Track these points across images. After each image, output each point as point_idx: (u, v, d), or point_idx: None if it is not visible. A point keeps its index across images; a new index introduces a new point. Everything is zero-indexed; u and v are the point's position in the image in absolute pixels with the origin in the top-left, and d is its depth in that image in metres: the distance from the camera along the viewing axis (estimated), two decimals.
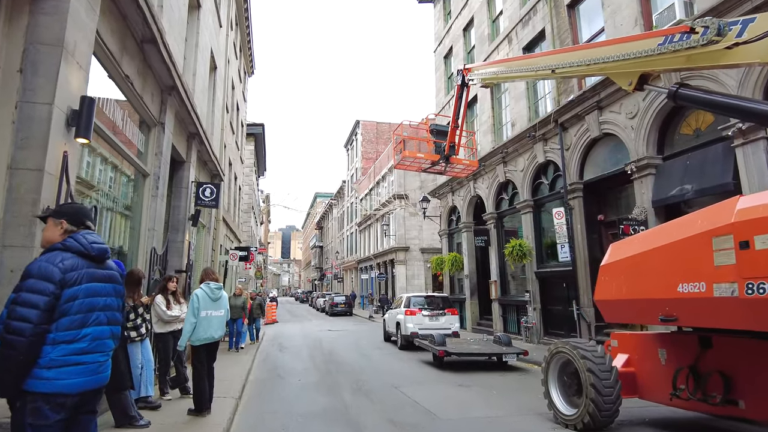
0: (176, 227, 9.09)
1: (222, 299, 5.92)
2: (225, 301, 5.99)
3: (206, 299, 5.71)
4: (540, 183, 14.32)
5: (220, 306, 5.85)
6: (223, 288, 6.04)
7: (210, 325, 5.66)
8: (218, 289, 5.88)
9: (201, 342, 5.59)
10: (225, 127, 14.51)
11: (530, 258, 14.07)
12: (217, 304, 5.82)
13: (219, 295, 5.86)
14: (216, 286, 5.87)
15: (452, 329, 13.89)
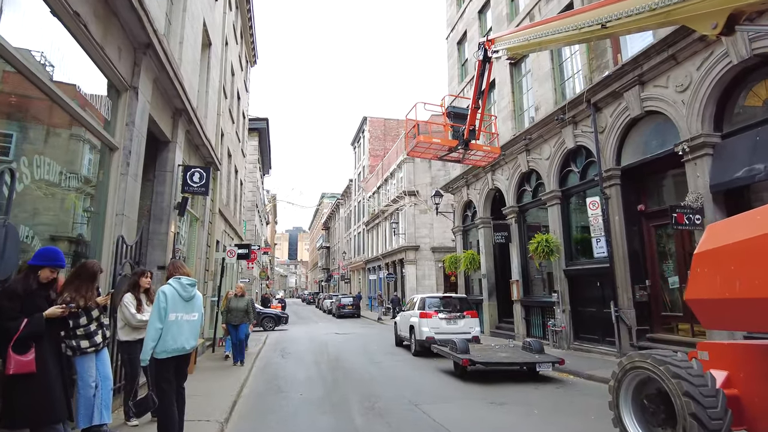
0: (159, 216, 7.87)
1: (196, 300, 4.68)
2: (199, 302, 4.74)
3: (175, 298, 4.47)
4: (569, 171, 12.96)
5: (193, 308, 4.61)
6: (195, 284, 4.78)
7: (180, 332, 4.41)
8: (191, 286, 4.64)
9: (169, 354, 4.34)
10: (223, 112, 13.32)
11: (558, 255, 12.71)
12: (189, 305, 4.57)
13: (192, 294, 4.62)
14: (188, 282, 4.62)
15: (472, 333, 12.56)
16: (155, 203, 7.89)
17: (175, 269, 4.74)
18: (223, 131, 14.25)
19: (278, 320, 22.79)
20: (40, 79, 4.01)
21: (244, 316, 10.07)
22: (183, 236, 10.01)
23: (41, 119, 4.50)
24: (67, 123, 4.93)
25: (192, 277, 4.79)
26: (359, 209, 47.03)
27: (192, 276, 4.79)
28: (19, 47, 3.69)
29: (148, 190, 7.94)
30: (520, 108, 15.86)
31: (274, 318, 22.62)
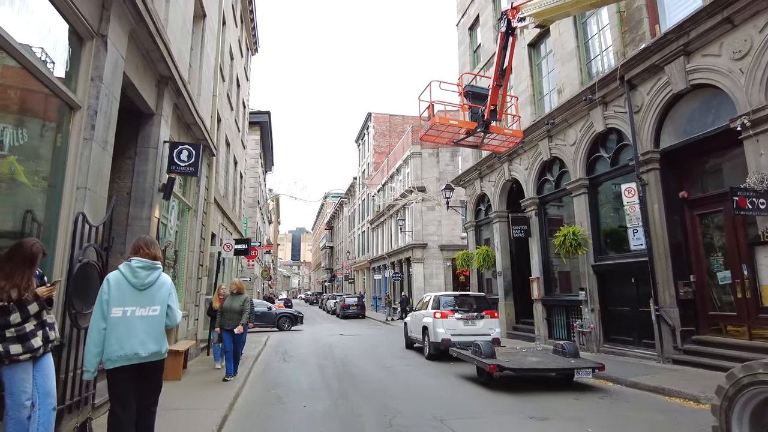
0: (141, 199, 6.80)
1: (156, 288, 3.57)
2: (163, 291, 3.63)
3: (122, 287, 3.43)
4: (598, 157, 11.84)
5: (152, 299, 3.54)
6: (160, 268, 3.69)
7: (130, 332, 3.34)
8: (147, 269, 3.55)
9: (116, 363, 3.27)
10: (220, 94, 12.26)
11: (586, 249, 11.58)
12: (144, 295, 3.50)
13: (147, 280, 3.53)
14: (140, 265, 3.53)
15: (492, 335, 11.44)
16: (136, 184, 6.82)
17: (135, 250, 3.66)
18: (220, 116, 13.20)
19: (295, 320, 22.46)
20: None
21: (238, 318, 8.12)
22: (172, 225, 8.94)
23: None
24: (15, 75, 3.88)
25: (159, 259, 3.71)
26: (363, 207, 45.96)
27: (160, 258, 3.71)
28: None
29: (128, 169, 6.89)
30: (540, 92, 14.75)
31: (290, 318, 22.33)
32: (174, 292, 3.77)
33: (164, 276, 3.71)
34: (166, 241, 9.60)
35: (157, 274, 3.63)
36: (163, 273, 3.71)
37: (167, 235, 8.84)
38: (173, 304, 3.69)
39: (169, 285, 3.71)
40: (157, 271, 3.63)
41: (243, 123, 19.35)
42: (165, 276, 3.73)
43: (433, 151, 28.97)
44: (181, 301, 9.55)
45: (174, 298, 3.73)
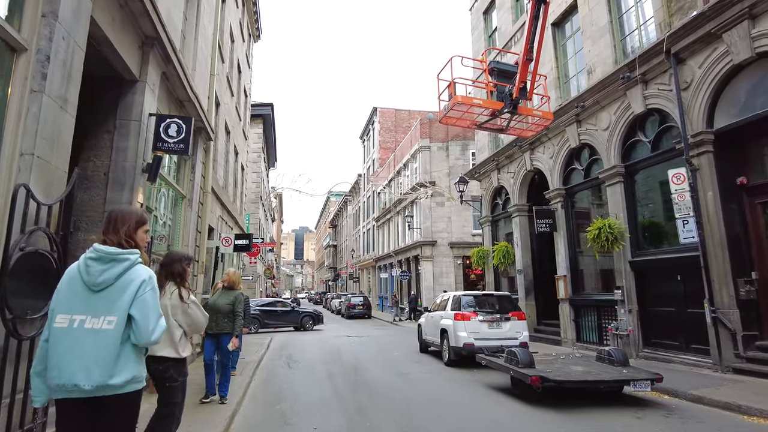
0: (120, 180, 5.72)
1: (117, 290, 2.39)
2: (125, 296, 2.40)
3: (74, 285, 2.36)
4: (635, 142, 10.69)
5: (105, 305, 2.37)
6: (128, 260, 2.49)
7: (74, 351, 2.23)
8: (102, 263, 2.41)
9: (57, 395, 2.23)
10: (218, 74, 11.19)
11: (623, 243, 10.45)
12: (98, 299, 2.36)
13: (103, 278, 2.38)
14: (96, 256, 2.41)
15: (519, 339, 10.34)
16: (115, 162, 5.74)
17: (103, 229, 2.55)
18: (219, 99, 12.12)
19: (316, 319, 22.20)
20: None
21: (228, 321, 6.11)
22: (162, 215, 7.86)
23: None
24: None
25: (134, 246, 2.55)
26: (368, 205, 44.86)
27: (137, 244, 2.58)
28: None
29: (106, 145, 5.81)
30: (565, 75, 13.61)
31: (313, 317, 22.10)
32: (150, 295, 2.44)
33: (136, 271, 2.44)
34: (158, 235, 8.54)
35: (120, 269, 2.39)
36: (138, 266, 2.47)
37: (156, 227, 7.76)
38: (144, 313, 2.37)
39: (139, 284, 2.40)
40: (119, 265, 2.40)
41: (245, 112, 18.28)
42: (138, 271, 2.45)
43: (443, 144, 27.85)
44: None
45: (147, 303, 2.41)
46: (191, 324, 3.45)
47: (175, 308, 3.37)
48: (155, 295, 2.47)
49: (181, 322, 3.38)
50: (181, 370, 3.35)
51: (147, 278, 2.44)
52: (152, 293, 2.45)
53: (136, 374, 2.40)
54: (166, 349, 3.27)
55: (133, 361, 2.39)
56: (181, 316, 3.39)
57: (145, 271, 2.48)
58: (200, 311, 3.49)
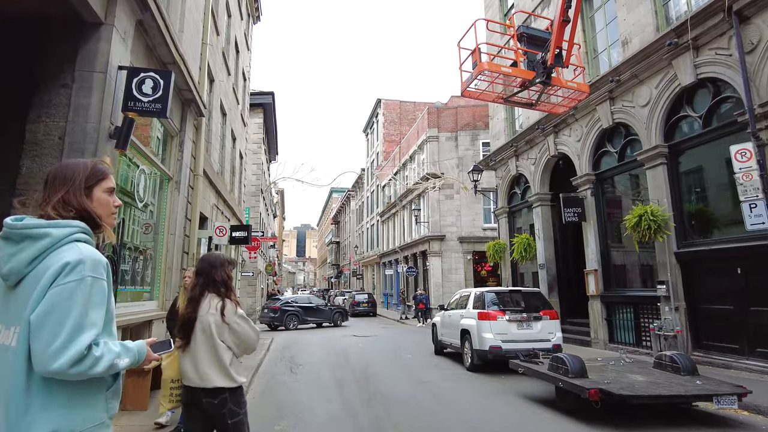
0: (79, 147, 4.55)
1: (27, 285, 1.37)
2: (34, 294, 1.33)
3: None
4: (681, 118, 9.48)
5: (16, 309, 1.37)
6: (48, 237, 1.40)
7: None
8: (10, 242, 1.41)
9: None
10: (212, 44, 10.00)
11: (667, 232, 9.25)
12: (10, 299, 1.40)
13: (10, 267, 1.38)
14: (4, 233, 1.42)
15: (552, 341, 9.18)
16: (73, 124, 4.56)
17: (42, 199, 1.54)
18: (213, 75, 10.94)
19: (344, 315, 22.71)
20: None
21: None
22: (142, 198, 6.68)
23: None
24: None
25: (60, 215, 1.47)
26: (372, 200, 43.66)
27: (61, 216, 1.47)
28: None
29: (62, 103, 4.62)
30: (594, 50, 12.38)
31: (342, 312, 22.54)
32: (68, 288, 1.34)
33: (58, 254, 1.39)
34: (144, 224, 7.38)
35: (32, 251, 1.39)
36: (66, 247, 1.41)
37: (135, 213, 6.58)
38: (46, 315, 1.31)
39: (54, 272, 1.35)
40: (32, 246, 1.40)
41: (243, 97, 17.08)
42: (61, 253, 1.39)
43: (452, 134, 26.62)
44: (158, 299, 7.30)
45: (55, 300, 1.32)
46: (240, 343, 2.79)
47: (220, 326, 2.72)
48: (82, 289, 1.34)
49: (229, 343, 2.75)
50: (239, 401, 2.73)
51: (72, 262, 1.35)
52: (76, 286, 1.34)
53: (58, 429, 1.33)
54: (218, 377, 2.65)
55: (55, 406, 1.34)
56: (228, 334, 2.74)
57: (75, 252, 1.38)
58: (249, 327, 2.82)
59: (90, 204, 1.51)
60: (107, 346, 1.37)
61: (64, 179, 1.50)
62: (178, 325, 2.81)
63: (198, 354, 2.65)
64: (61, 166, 1.56)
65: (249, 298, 23.05)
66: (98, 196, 1.54)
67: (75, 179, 1.51)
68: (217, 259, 2.91)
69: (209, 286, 2.79)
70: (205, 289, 2.78)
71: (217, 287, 2.78)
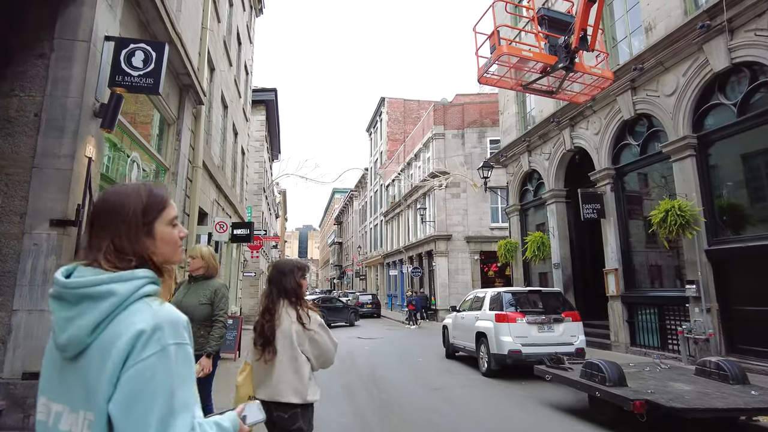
0: (59, 125, 4.00)
1: (90, 356, 1.00)
2: (103, 375, 0.96)
3: (51, 345, 1.08)
4: (713, 107, 8.89)
5: (81, 389, 1.00)
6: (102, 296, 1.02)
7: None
8: (69, 305, 1.03)
9: None
10: (212, 30, 9.46)
11: (697, 228, 8.66)
12: (70, 373, 1.02)
13: (68, 336, 1.01)
14: (56, 291, 1.05)
15: (575, 345, 8.59)
16: (51, 98, 4.01)
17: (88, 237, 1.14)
18: (214, 63, 10.40)
19: (357, 314, 22.97)
20: None
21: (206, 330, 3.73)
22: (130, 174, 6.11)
23: None
24: None
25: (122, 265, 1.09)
26: (376, 200, 43.09)
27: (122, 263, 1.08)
28: None
29: (39, 75, 4.08)
30: (613, 38, 11.80)
31: (355, 311, 22.71)
32: (151, 366, 0.96)
33: (125, 319, 1.01)
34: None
35: (95, 316, 1.00)
36: (133, 308, 1.03)
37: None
38: (130, 407, 0.94)
39: (126, 347, 0.97)
40: (93, 308, 1.01)
41: (245, 91, 16.54)
42: (129, 318, 1.01)
43: (458, 132, 26.04)
44: None
45: (139, 387, 0.95)
46: (320, 355, 2.65)
47: (302, 335, 2.59)
48: (165, 363, 0.99)
49: (309, 354, 2.61)
50: (310, 420, 2.61)
51: (148, 329, 1.00)
52: (158, 360, 0.98)
53: None
54: (293, 392, 2.51)
55: None
56: (308, 345, 2.60)
57: (147, 315, 1.02)
58: (329, 337, 2.67)
59: (153, 245, 1.12)
60: (203, 429, 1.04)
61: (112, 218, 1.09)
62: (256, 335, 2.64)
63: (276, 366, 2.52)
64: (107, 197, 1.14)
65: (251, 299, 22.51)
66: (161, 231, 1.14)
67: (127, 216, 1.09)
68: (286, 266, 2.78)
69: (282, 295, 2.67)
70: (279, 298, 2.67)
71: (288, 296, 2.66)
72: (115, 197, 1.11)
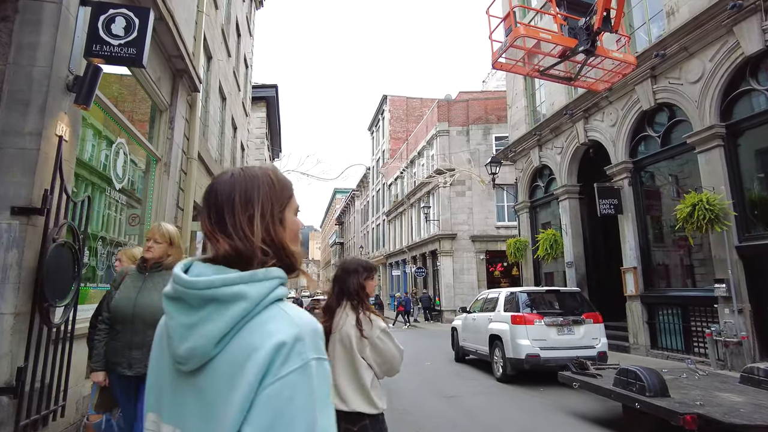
0: (22, 97, 3.46)
1: (214, 371, 0.82)
2: (233, 398, 0.76)
3: (159, 355, 0.94)
4: (742, 94, 8.32)
5: (200, 411, 0.82)
6: (232, 299, 0.82)
7: None
8: (190, 309, 0.85)
9: None
10: (208, 15, 8.92)
11: (727, 223, 8.10)
12: (187, 392, 0.84)
13: (190, 343, 0.82)
14: (173, 291, 0.88)
15: (597, 348, 8.03)
16: (15, 67, 3.47)
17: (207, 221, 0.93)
18: (212, 52, 9.87)
19: None
20: None
21: None
22: (121, 178, 5.58)
23: None
24: None
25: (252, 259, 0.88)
26: (378, 199, 42.54)
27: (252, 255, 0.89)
28: None
29: (0, 41, 3.52)
30: (630, 25, 11.24)
31: None
32: (293, 384, 0.76)
33: (260, 327, 0.81)
34: (130, 215, 6.33)
35: (225, 322, 0.81)
36: (268, 312, 0.84)
37: (115, 199, 5.48)
38: None
39: (263, 363, 0.77)
40: (223, 312, 0.82)
41: (245, 85, 16.01)
42: (265, 327, 0.81)
43: (463, 128, 25.48)
44: None
45: (284, 413, 0.75)
46: (383, 363, 2.42)
47: (361, 340, 2.39)
48: (306, 382, 0.78)
49: (370, 361, 2.40)
50: (381, 429, 2.38)
51: (289, 341, 0.80)
52: (299, 378, 0.78)
53: None
54: (358, 400, 2.32)
55: None
56: (369, 351, 2.40)
57: (286, 323, 0.82)
58: (393, 344, 2.42)
59: (282, 236, 0.94)
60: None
61: (247, 200, 0.92)
62: None
63: (335, 371, 2.32)
64: (232, 179, 0.95)
65: None
66: (290, 221, 0.98)
67: (262, 201, 0.93)
68: (351, 265, 2.62)
69: (344, 296, 2.52)
70: (342, 299, 2.52)
71: (351, 298, 2.49)
72: (242, 178, 0.95)
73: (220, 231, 0.89)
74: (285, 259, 0.92)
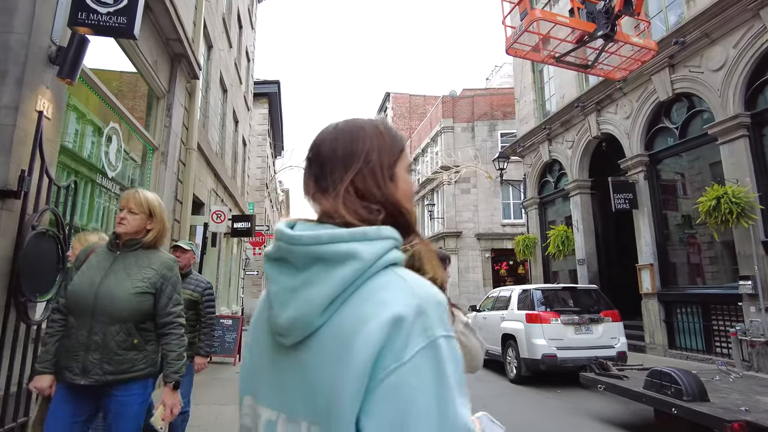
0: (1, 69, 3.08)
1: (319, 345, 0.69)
2: (345, 377, 0.62)
3: (257, 330, 0.83)
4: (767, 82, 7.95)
5: (304, 392, 0.70)
6: (341, 258, 0.68)
7: None
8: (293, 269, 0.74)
9: None
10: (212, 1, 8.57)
11: (754, 217, 7.71)
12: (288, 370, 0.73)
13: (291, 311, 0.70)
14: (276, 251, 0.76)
15: (616, 348, 7.65)
16: None
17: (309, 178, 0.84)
18: (212, 41, 9.51)
19: None
20: None
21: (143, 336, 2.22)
22: (114, 166, 5.21)
23: None
24: None
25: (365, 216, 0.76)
26: None
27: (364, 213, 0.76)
28: None
29: None
30: (646, 14, 10.83)
31: None
32: (424, 376, 0.62)
33: (373, 295, 0.68)
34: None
35: (333, 285, 0.69)
36: (381, 277, 0.70)
37: (108, 187, 5.12)
38: None
39: (379, 339, 0.63)
40: (329, 277, 0.70)
41: (247, 78, 15.65)
42: (379, 295, 0.68)
43: (468, 125, 25.09)
44: None
45: (414, 410, 0.60)
46: (470, 359, 1.99)
47: None
48: (435, 365, 0.64)
49: None
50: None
51: (409, 315, 0.65)
52: (425, 360, 0.63)
53: None
54: None
55: None
56: None
57: (404, 293, 0.68)
58: (477, 339, 2.00)
59: (396, 193, 0.81)
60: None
61: (352, 152, 0.81)
62: None
63: None
64: (337, 130, 0.84)
65: (255, 299, 21.64)
66: (402, 178, 0.84)
67: (371, 152, 0.81)
68: None
69: None
70: None
71: None
72: (348, 128, 0.83)
73: (322, 188, 0.80)
74: (399, 218, 0.79)
